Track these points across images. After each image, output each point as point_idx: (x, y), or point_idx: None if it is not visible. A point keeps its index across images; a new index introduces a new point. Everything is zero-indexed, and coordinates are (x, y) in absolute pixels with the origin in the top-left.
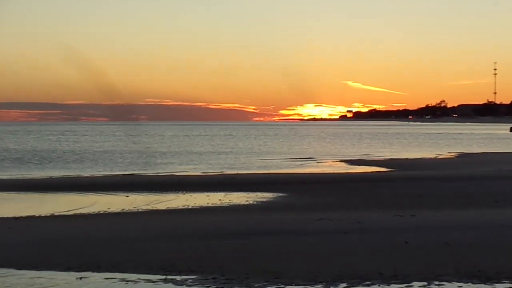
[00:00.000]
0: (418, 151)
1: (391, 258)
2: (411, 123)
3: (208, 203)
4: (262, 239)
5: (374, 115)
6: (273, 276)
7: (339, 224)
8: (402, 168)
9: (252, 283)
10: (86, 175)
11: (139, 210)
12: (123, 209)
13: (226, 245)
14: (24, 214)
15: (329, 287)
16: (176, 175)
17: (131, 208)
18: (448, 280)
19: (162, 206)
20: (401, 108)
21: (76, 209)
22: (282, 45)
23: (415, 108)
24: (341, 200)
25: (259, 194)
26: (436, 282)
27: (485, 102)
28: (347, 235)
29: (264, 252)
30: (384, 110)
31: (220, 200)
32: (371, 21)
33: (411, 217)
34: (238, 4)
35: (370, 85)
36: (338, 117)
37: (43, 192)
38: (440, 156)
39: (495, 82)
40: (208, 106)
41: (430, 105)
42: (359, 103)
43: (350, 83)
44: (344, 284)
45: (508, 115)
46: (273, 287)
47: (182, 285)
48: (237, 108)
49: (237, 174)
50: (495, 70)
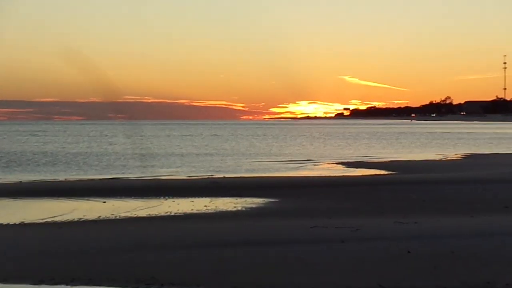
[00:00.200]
0: (421, 152)
1: (392, 269)
2: (414, 121)
3: (192, 209)
4: (251, 249)
5: (373, 113)
6: None
7: (335, 232)
8: (403, 170)
9: None
10: (59, 179)
11: (117, 218)
12: (99, 216)
13: (211, 255)
14: None
15: None
16: (157, 179)
17: (109, 215)
18: None
19: (142, 213)
20: (402, 106)
21: (49, 217)
22: (273, 37)
23: (417, 105)
24: (337, 206)
25: (248, 200)
26: None
27: (494, 98)
28: (344, 244)
29: (253, 264)
30: (384, 107)
31: (205, 206)
32: (370, 10)
33: (414, 224)
34: None
35: (368, 80)
36: (334, 115)
37: (11, 199)
38: (445, 158)
39: (504, 77)
40: (192, 104)
41: (434, 102)
42: (356, 100)
43: (347, 78)
44: None
45: None
46: None
47: None
48: (223, 106)
49: (223, 177)
50: (505, 63)
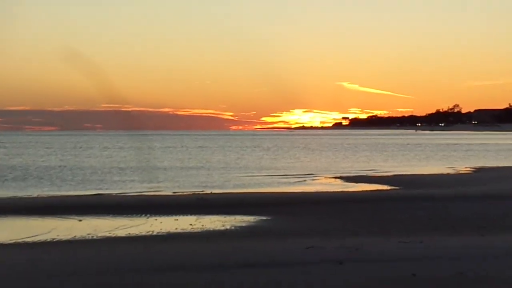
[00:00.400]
0: (427, 166)
1: None
2: (419, 132)
3: (176, 228)
4: (241, 272)
5: (374, 122)
6: None
7: (334, 252)
8: (407, 186)
9: None
10: (30, 196)
11: (95, 237)
12: (75, 236)
13: (197, 279)
14: None
15: None
16: (138, 195)
17: (85, 234)
18: None
19: (122, 233)
20: (406, 114)
21: (19, 237)
22: (264, 40)
23: (423, 114)
24: (335, 224)
25: (238, 218)
26: None
27: (506, 106)
28: (343, 266)
29: None
30: (386, 116)
31: (191, 225)
32: (370, 11)
33: (419, 243)
34: None
35: (369, 86)
36: (331, 125)
37: None
38: (452, 171)
39: None
40: (176, 113)
41: (441, 110)
42: (356, 108)
43: (345, 84)
44: None
45: None
46: None
47: None
48: (211, 115)
49: (210, 193)
50: None
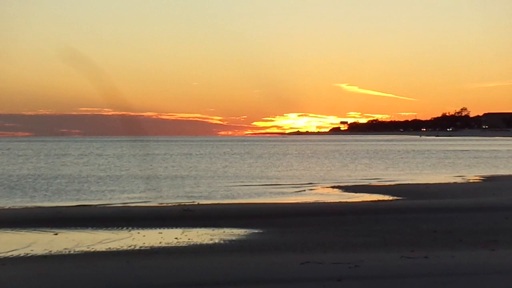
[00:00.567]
0: (432, 174)
1: None
2: (423, 137)
3: (160, 242)
4: None
5: (375, 127)
6: None
7: (331, 268)
8: (411, 196)
9: None
10: (1, 207)
11: (72, 252)
12: (50, 251)
13: None
14: None
15: None
16: (118, 207)
17: (61, 249)
18: None
19: (101, 247)
20: (410, 119)
21: None
22: (256, 39)
23: (428, 118)
24: (333, 238)
25: (227, 231)
26: None
27: None
28: (342, 283)
29: None
30: (388, 121)
31: (176, 238)
32: (371, 9)
33: (424, 259)
34: None
35: (369, 88)
36: (328, 130)
37: None
38: (460, 180)
39: None
40: (160, 117)
41: (447, 114)
42: (355, 112)
43: (344, 86)
44: None
45: None
46: None
47: None
48: (197, 119)
49: (197, 204)
50: None
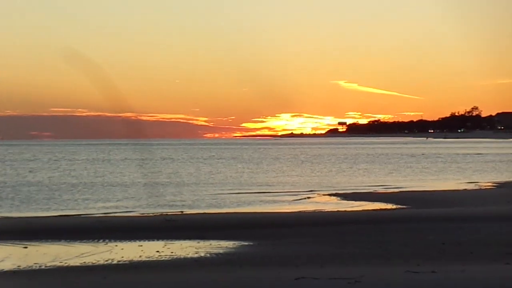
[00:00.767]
0: (440, 180)
1: None
2: (430, 139)
3: (141, 256)
4: None
5: (376, 128)
6: None
7: (328, 284)
8: (417, 204)
9: None
10: None
11: (43, 267)
12: (19, 266)
13: None
14: None
15: None
16: (93, 217)
17: (31, 264)
18: None
19: (76, 261)
20: (415, 119)
21: None
22: (245, 33)
23: (435, 118)
24: (331, 251)
25: (214, 243)
26: None
27: None
28: None
29: None
30: (391, 121)
31: (158, 252)
32: None
33: (431, 273)
34: None
35: (370, 86)
36: (325, 131)
37: None
38: (471, 187)
39: None
40: (139, 118)
41: (456, 114)
42: (355, 112)
43: (342, 83)
44: None
45: None
46: None
47: None
48: (181, 121)
49: (181, 214)
50: None
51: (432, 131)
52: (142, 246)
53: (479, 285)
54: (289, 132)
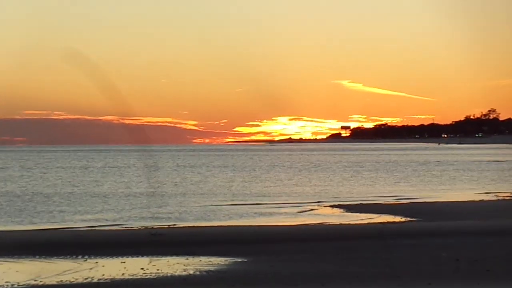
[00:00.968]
0: (453, 190)
1: None
2: (443, 145)
3: (123, 274)
4: None
5: (383, 133)
6: None
7: None
8: (427, 216)
9: None
10: None
11: (15, 287)
12: None
13: None
14: None
15: None
16: (72, 231)
17: (2, 283)
18: None
19: (51, 280)
20: (426, 123)
21: None
22: (238, 28)
23: (448, 122)
24: (333, 268)
25: (203, 260)
26: None
27: None
28: None
29: None
30: (399, 125)
31: (142, 269)
32: None
33: None
34: None
35: (376, 86)
36: (326, 136)
37: None
38: (487, 198)
39: None
40: (121, 121)
41: (472, 117)
42: (359, 115)
43: (345, 83)
44: None
45: None
46: None
47: None
48: (168, 125)
49: (168, 228)
50: None
51: (445, 136)
52: (125, 262)
53: None
54: (287, 137)
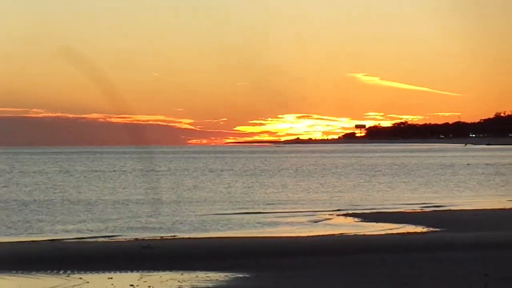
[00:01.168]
0: (481, 197)
1: None
2: (469, 146)
3: None
4: None
5: (402, 132)
6: None
7: None
8: (452, 226)
9: None
10: None
11: None
12: None
13: None
14: None
15: None
16: (53, 243)
17: None
18: None
19: None
20: (451, 121)
21: None
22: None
23: (476, 120)
24: (346, 286)
25: (201, 275)
26: None
27: None
28: None
29: None
30: (420, 124)
31: (132, 286)
32: None
33: None
34: None
35: (395, 80)
36: (339, 136)
37: None
38: None
39: None
40: (108, 120)
41: (503, 114)
42: (376, 112)
43: (360, 77)
44: None
45: None
46: None
47: None
48: (160, 123)
49: (160, 239)
50: None
51: (473, 135)
52: (112, 278)
53: None
54: (294, 137)
